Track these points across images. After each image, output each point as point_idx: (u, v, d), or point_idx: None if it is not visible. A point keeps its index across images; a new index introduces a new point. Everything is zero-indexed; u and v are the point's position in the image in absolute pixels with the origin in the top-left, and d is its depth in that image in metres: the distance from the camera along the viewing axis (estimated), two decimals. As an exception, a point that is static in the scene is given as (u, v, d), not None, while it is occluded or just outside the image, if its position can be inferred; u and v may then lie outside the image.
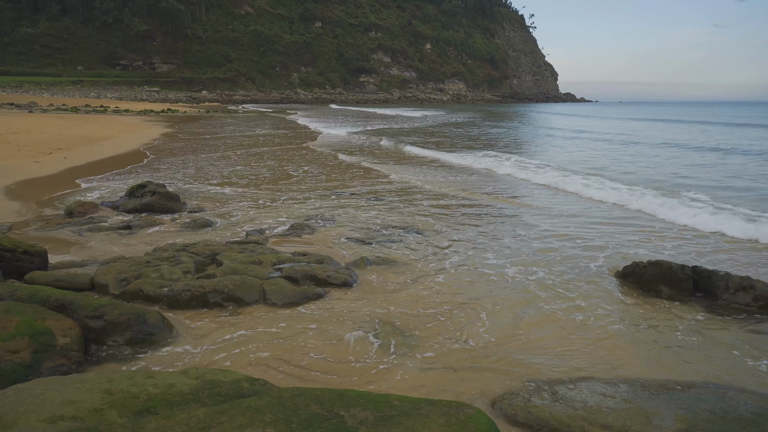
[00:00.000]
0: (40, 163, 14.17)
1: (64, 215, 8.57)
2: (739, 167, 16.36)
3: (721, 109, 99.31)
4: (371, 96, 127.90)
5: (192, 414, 2.59)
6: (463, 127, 38.05)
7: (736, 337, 4.57)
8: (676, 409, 3.22)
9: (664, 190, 11.43)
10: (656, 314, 5.05)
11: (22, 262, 5.43)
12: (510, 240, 7.60)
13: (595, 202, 10.58)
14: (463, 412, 2.76)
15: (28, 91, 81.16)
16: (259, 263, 5.91)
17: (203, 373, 3.17)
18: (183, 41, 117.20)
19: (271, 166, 15.70)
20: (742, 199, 10.67)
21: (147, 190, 9.18)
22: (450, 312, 5.00)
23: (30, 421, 2.52)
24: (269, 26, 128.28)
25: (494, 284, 5.79)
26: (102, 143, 20.02)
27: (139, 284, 5.07)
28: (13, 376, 3.35)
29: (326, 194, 11.13)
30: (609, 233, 8.08)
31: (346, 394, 2.86)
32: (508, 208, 9.99)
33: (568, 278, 5.99)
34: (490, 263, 6.50)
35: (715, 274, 5.38)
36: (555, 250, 7.09)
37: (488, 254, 6.87)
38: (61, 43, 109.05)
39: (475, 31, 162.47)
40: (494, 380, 3.78)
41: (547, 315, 4.99)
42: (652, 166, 16.50)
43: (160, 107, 56.25)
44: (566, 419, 3.12)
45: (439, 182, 13.04)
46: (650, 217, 9.17)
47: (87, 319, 4.11)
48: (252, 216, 9.01)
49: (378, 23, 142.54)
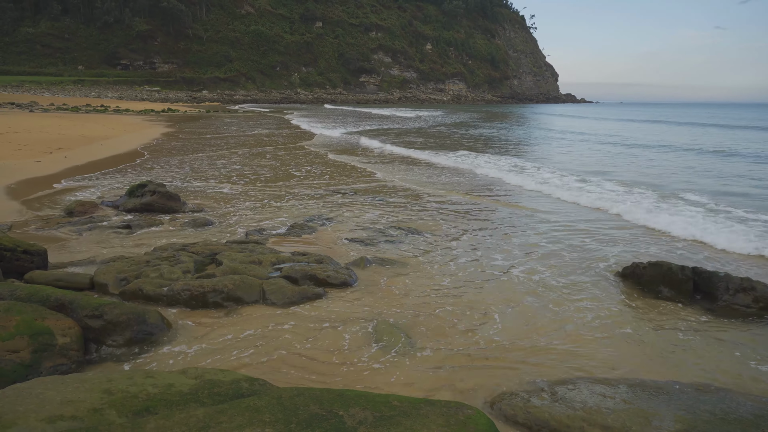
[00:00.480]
0: (41, 162, 14.18)
1: (64, 214, 8.57)
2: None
3: (722, 110, 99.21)
4: (372, 96, 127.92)
5: (191, 414, 2.59)
6: (459, 128, 38.03)
7: (736, 338, 4.56)
8: (676, 410, 3.21)
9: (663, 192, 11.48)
10: (656, 315, 5.05)
11: (22, 262, 5.44)
12: (508, 241, 7.59)
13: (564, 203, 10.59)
14: (462, 413, 2.76)
15: (29, 91, 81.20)
16: (259, 263, 5.91)
17: (202, 373, 3.17)
18: (184, 41, 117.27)
19: (272, 165, 15.70)
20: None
21: (147, 189, 9.18)
22: (449, 312, 5.00)
23: (29, 420, 2.52)
24: (270, 26, 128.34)
25: (494, 283, 5.78)
26: (102, 143, 20.02)
27: (139, 284, 5.07)
28: (13, 376, 3.35)
29: (326, 194, 11.13)
30: (606, 235, 8.08)
31: (345, 394, 2.86)
32: (503, 210, 9.99)
33: (566, 279, 5.99)
34: (490, 263, 6.50)
35: (716, 275, 5.37)
36: (554, 248, 7.09)
37: (487, 254, 6.86)
38: (62, 43, 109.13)
39: (476, 32, 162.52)
40: (493, 380, 3.78)
41: (547, 315, 4.98)
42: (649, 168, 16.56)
43: (160, 107, 56.27)
44: (566, 420, 3.12)
45: (431, 183, 13.05)
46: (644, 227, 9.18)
47: (87, 319, 4.11)
48: (252, 216, 9.01)
49: (379, 23, 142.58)
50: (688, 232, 7.95)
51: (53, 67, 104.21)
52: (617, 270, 6.17)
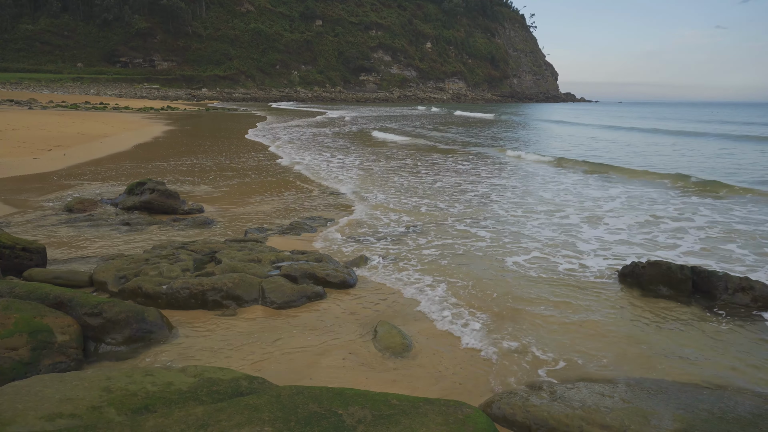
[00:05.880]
0: (40, 159, 14.17)
1: (63, 212, 8.56)
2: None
3: (723, 110, 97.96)
4: (371, 95, 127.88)
5: (190, 412, 2.59)
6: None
7: (735, 337, 4.57)
8: (675, 409, 3.22)
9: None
10: (655, 314, 5.05)
11: (21, 259, 5.43)
12: (505, 236, 7.60)
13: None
14: (461, 411, 2.76)
15: (27, 88, 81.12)
16: (258, 261, 5.90)
17: (201, 371, 3.17)
18: (183, 39, 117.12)
19: (271, 164, 15.70)
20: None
21: (146, 187, 9.16)
22: (448, 309, 5.00)
23: (28, 418, 2.52)
24: (270, 24, 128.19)
25: (494, 283, 5.78)
26: (102, 140, 20.00)
27: (138, 282, 5.07)
28: (12, 374, 3.35)
29: (326, 193, 11.13)
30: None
31: (344, 393, 2.86)
32: (497, 204, 9.99)
33: (566, 277, 5.99)
34: (490, 262, 6.50)
35: (714, 274, 5.38)
36: (551, 247, 7.09)
37: (487, 252, 6.87)
38: (62, 40, 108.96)
39: (476, 31, 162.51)
40: (492, 379, 3.79)
41: (546, 314, 4.99)
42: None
43: (159, 105, 56.24)
44: (564, 419, 3.12)
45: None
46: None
47: (86, 317, 4.10)
48: (252, 214, 9.01)
49: (378, 22, 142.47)
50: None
51: (52, 64, 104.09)
52: (617, 269, 6.18)
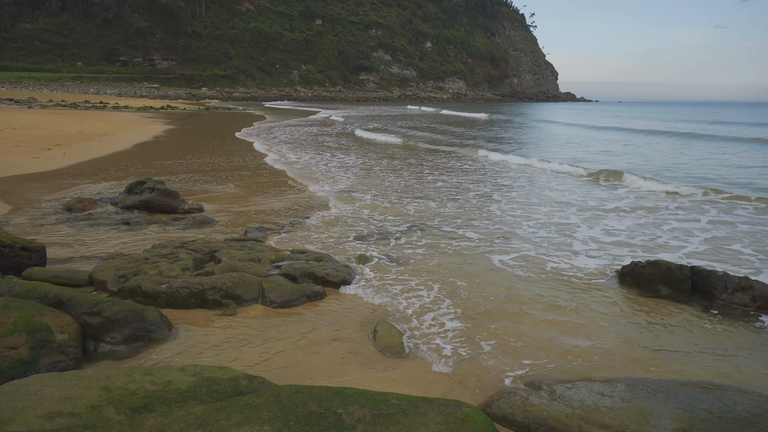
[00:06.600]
0: (39, 158, 14.16)
1: (63, 211, 8.56)
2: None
3: (723, 110, 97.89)
4: (371, 94, 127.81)
5: (189, 411, 2.59)
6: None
7: (734, 337, 4.57)
8: (674, 409, 3.22)
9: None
10: (654, 314, 5.06)
11: (20, 258, 5.42)
12: (502, 237, 7.60)
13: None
14: (460, 411, 2.76)
15: (27, 87, 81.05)
16: (258, 260, 5.90)
17: (201, 371, 3.17)
18: (183, 38, 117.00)
19: (271, 165, 15.69)
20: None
21: (146, 186, 9.15)
22: (449, 310, 5.00)
23: (27, 417, 2.52)
24: (270, 23, 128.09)
25: (494, 282, 5.78)
26: (101, 139, 19.99)
27: (138, 281, 5.06)
28: (11, 373, 3.34)
29: (324, 192, 11.13)
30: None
31: (343, 392, 2.86)
32: (496, 205, 9.99)
33: (565, 277, 5.99)
34: (491, 261, 6.50)
35: (714, 274, 5.38)
36: (550, 247, 7.10)
37: (487, 251, 6.87)
38: (61, 39, 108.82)
39: (476, 30, 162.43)
40: (492, 379, 3.79)
41: (546, 314, 4.99)
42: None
43: (159, 104, 56.22)
44: (564, 418, 3.12)
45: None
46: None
47: (85, 316, 4.10)
48: (252, 214, 9.01)
49: (378, 21, 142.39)
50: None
51: (52, 63, 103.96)
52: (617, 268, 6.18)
